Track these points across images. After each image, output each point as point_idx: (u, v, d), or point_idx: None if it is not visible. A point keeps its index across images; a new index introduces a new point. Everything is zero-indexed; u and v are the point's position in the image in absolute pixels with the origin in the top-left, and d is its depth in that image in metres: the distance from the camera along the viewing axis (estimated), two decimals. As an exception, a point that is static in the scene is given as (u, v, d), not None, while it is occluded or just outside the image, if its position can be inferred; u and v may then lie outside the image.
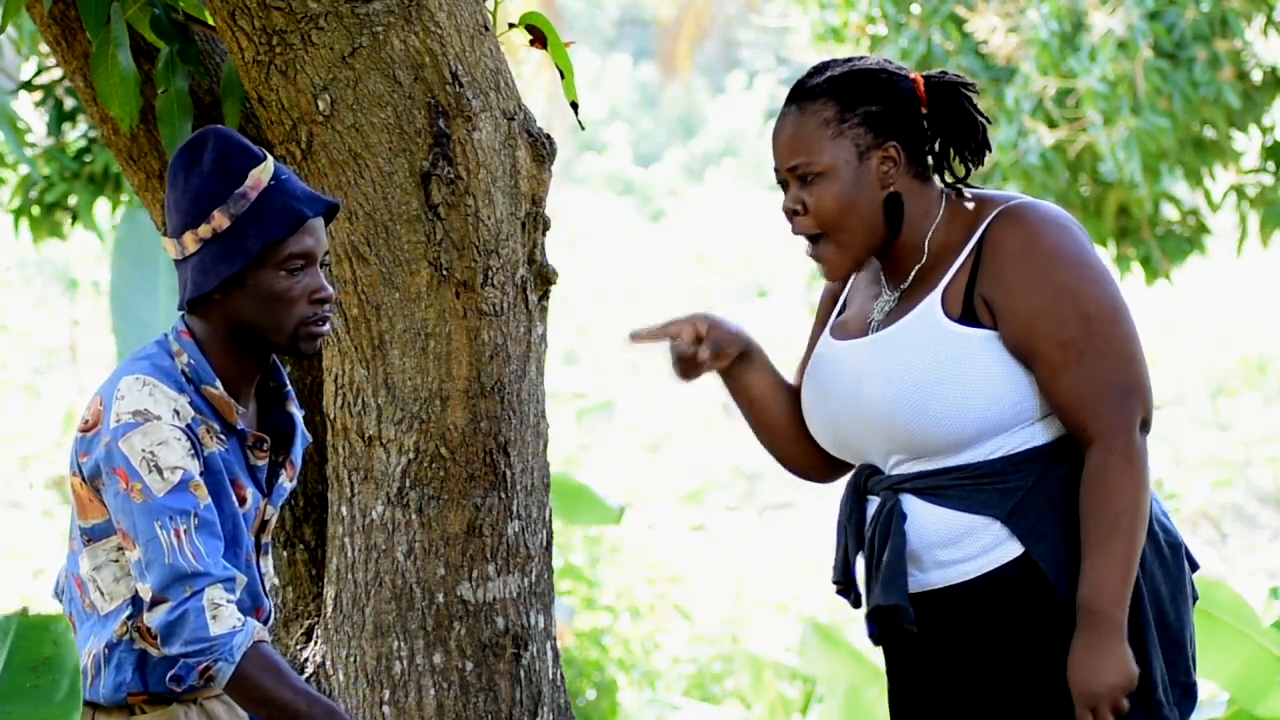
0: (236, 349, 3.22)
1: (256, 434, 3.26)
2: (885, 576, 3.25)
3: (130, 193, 7.87)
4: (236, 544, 3.21)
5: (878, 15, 9.34)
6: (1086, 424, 3.19)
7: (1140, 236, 9.61)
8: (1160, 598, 3.25)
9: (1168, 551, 3.27)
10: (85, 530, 3.20)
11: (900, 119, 3.29)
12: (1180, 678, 3.26)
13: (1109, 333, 3.20)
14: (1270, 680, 5.20)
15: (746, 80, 31.21)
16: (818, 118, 3.28)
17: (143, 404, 3.12)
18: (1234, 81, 8.86)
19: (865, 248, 3.31)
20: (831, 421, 3.37)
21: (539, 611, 3.67)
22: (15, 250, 18.39)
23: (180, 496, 3.09)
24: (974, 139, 3.34)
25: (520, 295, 3.64)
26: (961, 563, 3.24)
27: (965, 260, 3.25)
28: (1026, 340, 3.20)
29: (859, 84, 3.28)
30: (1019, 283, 3.20)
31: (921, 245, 3.30)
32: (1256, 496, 17.82)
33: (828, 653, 8.27)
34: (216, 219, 3.15)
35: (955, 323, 3.23)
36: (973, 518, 3.23)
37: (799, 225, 3.32)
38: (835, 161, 3.27)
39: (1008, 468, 3.23)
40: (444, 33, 3.51)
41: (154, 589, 3.09)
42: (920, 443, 3.24)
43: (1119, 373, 3.19)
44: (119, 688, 3.18)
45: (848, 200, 3.27)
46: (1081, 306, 3.19)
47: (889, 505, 3.28)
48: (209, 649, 3.07)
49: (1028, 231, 3.23)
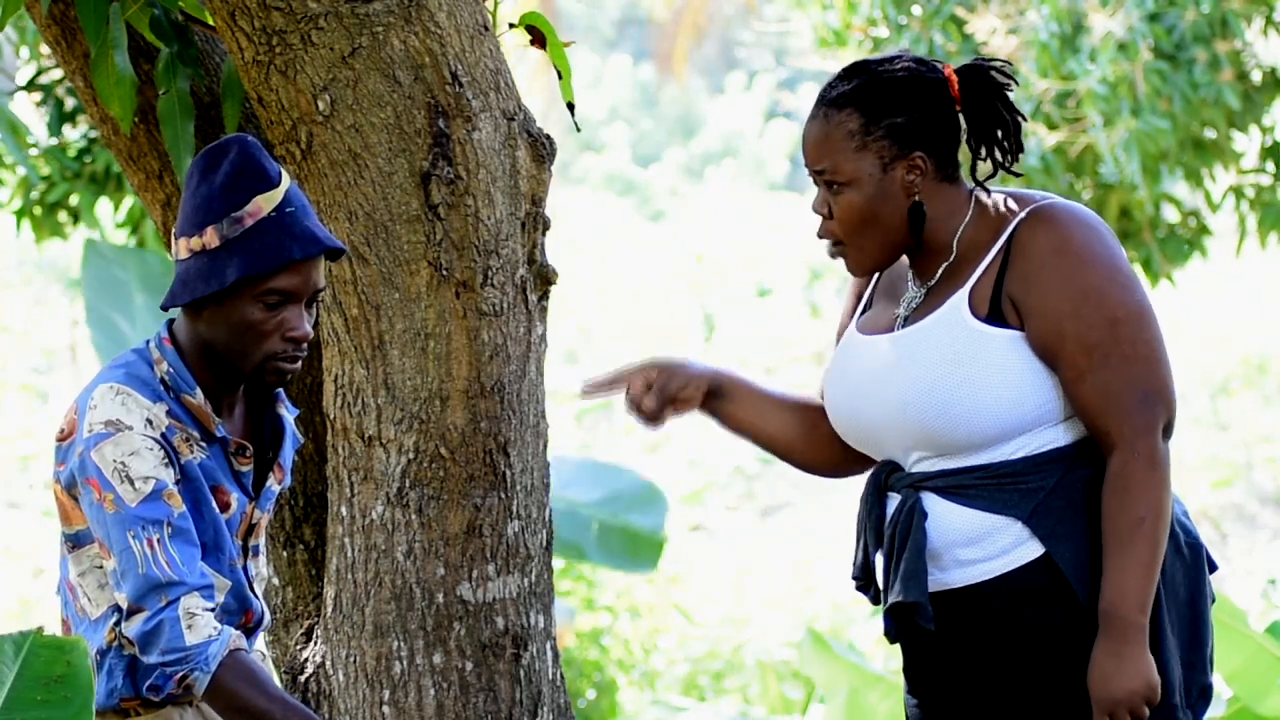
0: (209, 357, 3.21)
1: (238, 441, 3.24)
2: (905, 574, 3.24)
3: (131, 192, 7.87)
4: (219, 550, 3.20)
5: (879, 17, 9.34)
6: (1110, 428, 3.18)
7: (1141, 238, 9.61)
8: (1179, 600, 3.24)
9: (1187, 552, 3.26)
10: (69, 537, 3.20)
11: (928, 127, 3.27)
12: (1199, 679, 3.25)
13: (1135, 337, 3.19)
14: (1270, 680, 5.20)
15: (746, 80, 31.20)
16: (843, 129, 3.27)
17: (115, 414, 3.11)
18: (1234, 83, 8.86)
19: (886, 255, 3.32)
20: (854, 415, 3.36)
21: (539, 611, 3.67)
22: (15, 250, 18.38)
23: (153, 506, 3.08)
24: (1008, 136, 3.33)
25: (520, 295, 3.64)
26: (982, 562, 3.24)
27: (994, 260, 3.25)
28: (1052, 342, 3.19)
29: (885, 95, 3.26)
30: (1047, 284, 3.20)
31: (950, 244, 3.30)
32: (1256, 496, 17.82)
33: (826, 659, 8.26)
34: (208, 235, 3.12)
35: (982, 322, 3.23)
36: (994, 517, 3.23)
37: (823, 229, 3.33)
38: (859, 173, 3.26)
39: (1030, 468, 3.22)
40: (444, 33, 3.51)
41: (130, 599, 3.08)
42: (942, 440, 3.24)
43: (1144, 377, 3.19)
44: (111, 694, 3.18)
45: (870, 212, 3.27)
46: (1108, 310, 3.19)
47: (910, 503, 3.27)
48: (185, 658, 3.06)
49: (1057, 233, 3.22)
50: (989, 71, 3.32)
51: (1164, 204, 9.71)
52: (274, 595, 3.89)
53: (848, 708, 8.06)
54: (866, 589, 3.41)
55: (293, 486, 3.86)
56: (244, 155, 3.16)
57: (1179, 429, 3.60)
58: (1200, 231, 9.71)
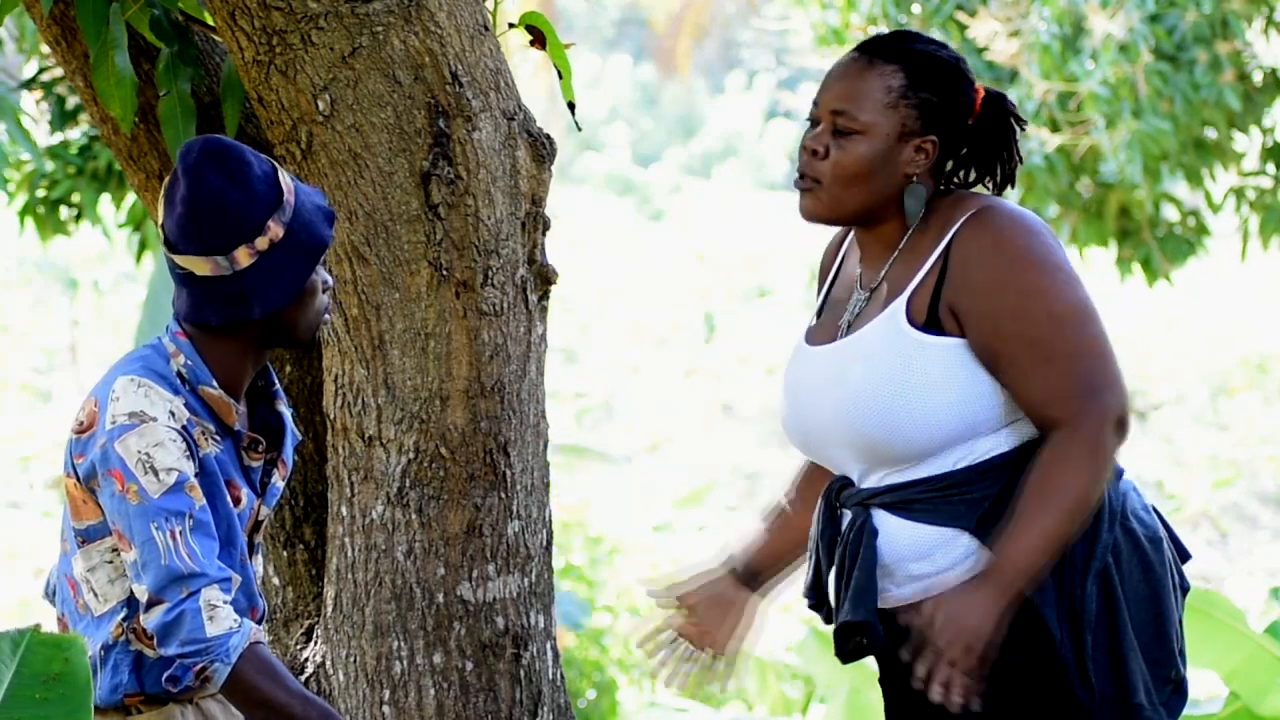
0: (254, 353, 3.22)
1: (252, 435, 3.26)
2: (855, 593, 3.22)
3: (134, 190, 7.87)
4: (231, 544, 3.21)
5: (879, 16, 9.34)
6: (1056, 416, 3.14)
7: (1140, 238, 9.61)
8: (1139, 596, 3.21)
9: (1148, 546, 3.23)
10: (79, 532, 3.20)
11: (950, 119, 3.28)
12: (1168, 674, 3.22)
13: (1080, 333, 3.16)
14: (1270, 680, 5.21)
15: (746, 80, 31.22)
16: (883, 80, 3.25)
17: (138, 405, 3.12)
18: (1235, 83, 8.86)
19: (852, 215, 3.29)
20: (803, 429, 3.36)
21: (539, 611, 3.67)
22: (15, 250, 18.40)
23: (176, 498, 3.09)
24: (1003, 168, 3.34)
25: (520, 295, 3.64)
26: (934, 575, 3.22)
27: (932, 267, 3.23)
28: (994, 343, 3.16)
29: (934, 69, 3.26)
30: (987, 286, 3.17)
31: (898, 241, 3.30)
32: (1256, 496, 17.82)
33: (827, 658, 8.26)
34: (273, 229, 3.15)
35: (919, 330, 3.21)
36: (942, 530, 3.21)
37: (810, 167, 3.28)
38: (877, 129, 3.25)
39: (973, 477, 3.20)
40: (444, 33, 3.52)
41: (150, 590, 3.09)
42: (884, 450, 3.22)
43: (1091, 371, 3.15)
44: (115, 689, 3.18)
45: (868, 169, 3.25)
46: (1050, 306, 3.16)
47: (860, 521, 3.26)
48: (205, 650, 3.07)
49: (995, 235, 3.19)
50: (1011, 109, 3.33)
51: (1164, 204, 9.72)
52: (274, 595, 3.89)
53: (848, 707, 8.05)
54: (819, 608, 3.39)
55: (293, 486, 3.86)
56: (241, 150, 3.17)
57: (1179, 429, 3.59)
58: (1200, 231, 9.72)
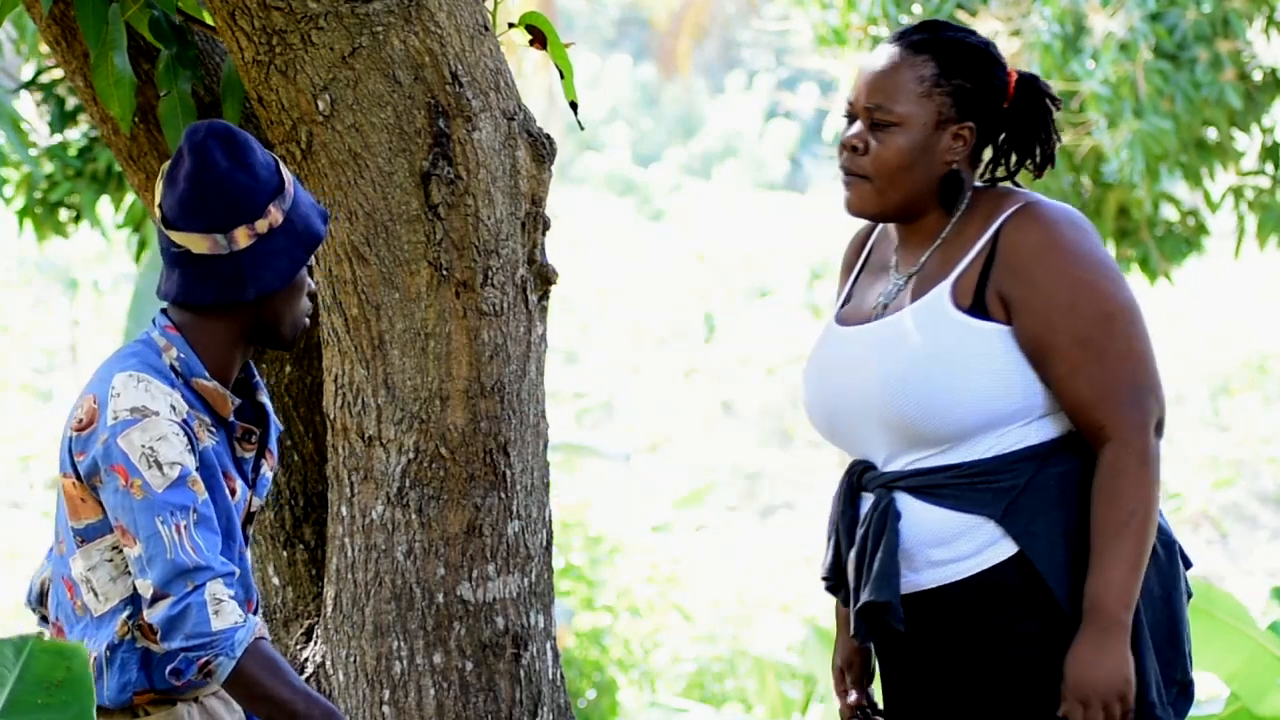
0: (242, 343, 3.22)
1: (245, 426, 3.26)
2: (877, 574, 3.24)
3: (133, 191, 7.87)
4: (230, 537, 3.22)
5: (879, 16, 9.34)
6: (1103, 422, 3.19)
7: (1139, 237, 9.61)
8: (1154, 597, 3.24)
9: (1161, 550, 3.27)
10: (78, 531, 3.19)
11: (985, 103, 3.30)
12: (1176, 676, 3.25)
13: (1128, 333, 3.21)
14: (1270, 680, 5.20)
15: (746, 80, 31.22)
16: (915, 71, 3.28)
17: (140, 400, 3.12)
18: (1235, 82, 8.86)
19: (898, 208, 3.32)
20: (828, 407, 3.36)
21: (539, 611, 3.67)
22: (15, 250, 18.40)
23: (180, 491, 3.10)
24: (1042, 149, 3.36)
25: (520, 295, 3.64)
26: (954, 562, 3.24)
27: (979, 253, 3.26)
28: (1044, 335, 3.20)
29: (964, 56, 3.29)
30: (1039, 279, 3.20)
31: (940, 231, 3.31)
32: (1257, 496, 17.83)
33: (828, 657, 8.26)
34: (273, 213, 3.17)
35: (965, 314, 3.24)
36: (966, 517, 3.23)
37: (853, 163, 3.31)
38: (913, 119, 3.27)
39: (1002, 466, 3.23)
40: (444, 33, 3.52)
41: (155, 584, 3.08)
42: (918, 430, 3.23)
43: (1137, 374, 3.20)
44: (124, 688, 3.18)
45: (909, 160, 3.28)
46: (1102, 305, 3.20)
47: (883, 503, 3.27)
48: (210, 643, 3.07)
49: (1046, 229, 3.23)
50: (1045, 90, 3.35)
51: (1163, 203, 9.72)
52: (274, 595, 3.89)
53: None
54: (837, 590, 3.41)
55: (293, 486, 3.86)
56: (247, 136, 3.19)
57: (1179, 429, 3.61)
58: (1199, 230, 9.72)
